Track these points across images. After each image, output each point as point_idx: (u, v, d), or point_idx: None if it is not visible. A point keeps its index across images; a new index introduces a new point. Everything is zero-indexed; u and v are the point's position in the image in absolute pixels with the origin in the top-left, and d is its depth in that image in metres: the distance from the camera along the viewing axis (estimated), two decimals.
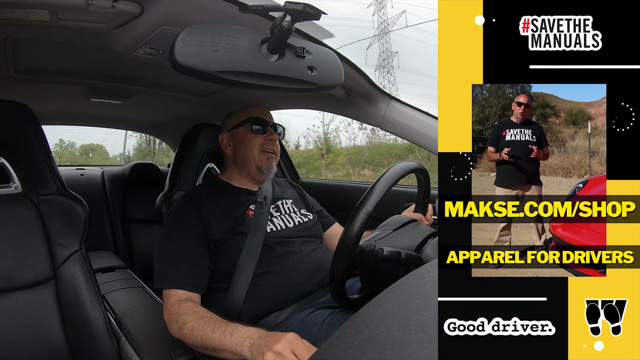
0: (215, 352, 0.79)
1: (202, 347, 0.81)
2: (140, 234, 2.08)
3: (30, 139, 0.91)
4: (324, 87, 0.74)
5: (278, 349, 0.67)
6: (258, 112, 1.12)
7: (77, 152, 10.50)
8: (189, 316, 0.84)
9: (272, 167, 1.10)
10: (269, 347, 0.69)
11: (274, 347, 0.68)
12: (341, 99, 1.23)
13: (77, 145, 10.39)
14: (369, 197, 0.71)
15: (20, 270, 0.85)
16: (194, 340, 0.81)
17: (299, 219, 1.10)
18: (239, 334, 0.76)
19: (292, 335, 0.70)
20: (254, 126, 1.09)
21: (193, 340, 0.81)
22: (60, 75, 1.32)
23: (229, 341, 0.75)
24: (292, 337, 0.69)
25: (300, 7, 0.62)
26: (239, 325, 0.78)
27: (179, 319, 0.84)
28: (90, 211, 0.94)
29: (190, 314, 0.84)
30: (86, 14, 0.77)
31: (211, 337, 0.78)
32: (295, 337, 0.69)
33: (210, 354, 0.81)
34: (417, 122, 1.13)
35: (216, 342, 0.77)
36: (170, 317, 0.87)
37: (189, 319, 0.83)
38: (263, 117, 1.11)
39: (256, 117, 1.10)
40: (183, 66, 0.60)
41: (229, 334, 0.76)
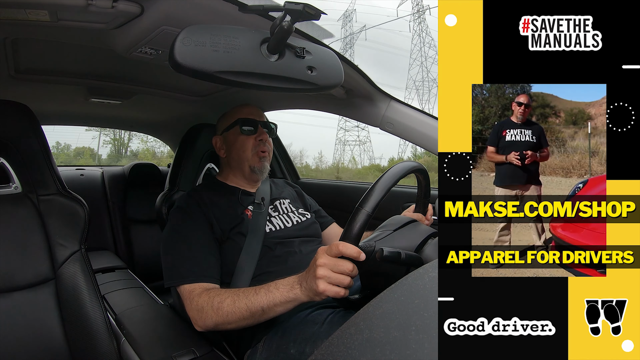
0: (264, 313, 0.79)
1: (249, 314, 0.80)
2: (140, 234, 2.08)
3: (30, 139, 0.91)
4: (324, 87, 0.74)
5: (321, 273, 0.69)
6: (247, 112, 1.11)
7: (71, 153, 12.42)
8: (223, 295, 0.83)
9: (265, 167, 1.10)
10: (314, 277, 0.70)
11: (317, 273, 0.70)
12: (341, 99, 1.23)
13: (72, 147, 12.37)
14: (369, 198, 0.71)
15: (20, 270, 0.85)
16: (239, 310, 0.80)
17: (297, 219, 1.10)
18: (283, 284, 0.77)
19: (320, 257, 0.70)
20: (243, 127, 1.09)
21: (237, 312, 0.80)
22: (60, 75, 1.32)
23: (278, 294, 0.77)
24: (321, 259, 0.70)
25: (300, 7, 0.62)
26: (275, 280, 0.79)
27: (213, 304, 0.83)
28: (90, 211, 0.94)
29: (223, 293, 0.84)
30: (86, 14, 0.77)
31: (256, 299, 0.78)
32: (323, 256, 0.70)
33: (257, 319, 0.81)
34: (417, 122, 1.13)
35: (264, 301, 0.78)
36: (201, 307, 0.85)
37: (225, 297, 0.83)
38: (252, 117, 1.10)
39: (245, 118, 1.10)
40: (183, 66, 0.60)
41: (274, 288, 0.78)
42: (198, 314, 0.85)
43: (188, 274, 0.91)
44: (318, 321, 0.85)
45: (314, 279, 0.71)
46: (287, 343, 0.85)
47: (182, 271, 0.91)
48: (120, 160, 10.96)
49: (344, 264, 0.69)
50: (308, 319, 0.87)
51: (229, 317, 0.81)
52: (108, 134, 12.88)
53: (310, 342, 0.81)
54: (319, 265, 0.70)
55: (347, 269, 0.69)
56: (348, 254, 0.69)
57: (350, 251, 0.69)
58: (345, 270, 0.69)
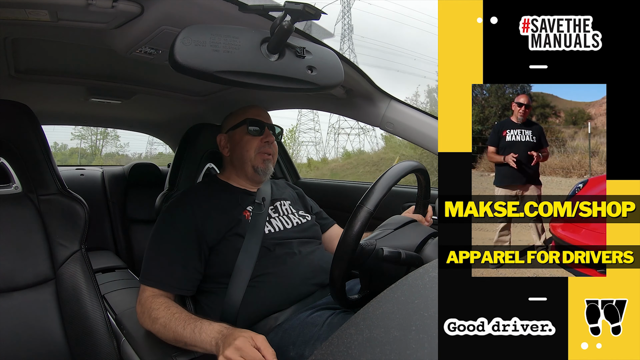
0: (186, 346, 0.84)
1: (174, 340, 0.85)
2: (140, 234, 2.08)
3: (30, 139, 0.91)
4: (324, 87, 0.74)
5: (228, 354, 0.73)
6: (255, 113, 1.11)
7: (67, 152, 14.09)
8: (161, 311, 0.88)
9: (269, 168, 1.10)
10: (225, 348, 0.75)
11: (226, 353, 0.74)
12: (341, 99, 1.23)
13: (68, 147, 13.91)
14: (370, 196, 0.72)
15: (20, 270, 0.85)
16: (167, 334, 0.86)
17: (297, 220, 1.10)
18: (207, 332, 0.81)
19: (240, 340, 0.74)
20: (250, 127, 1.08)
21: (165, 335, 0.86)
22: (60, 75, 1.32)
23: (199, 338, 0.81)
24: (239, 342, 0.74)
25: (300, 7, 0.62)
26: (205, 321, 0.84)
27: (151, 314, 0.89)
28: (90, 211, 0.94)
29: (162, 309, 0.88)
30: (86, 14, 0.77)
31: (182, 333, 0.84)
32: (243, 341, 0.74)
33: (181, 347, 0.86)
34: (417, 122, 1.13)
35: (188, 338, 0.83)
36: (142, 310, 0.91)
37: (161, 315, 0.88)
38: (260, 119, 1.10)
39: (253, 118, 1.10)
40: (183, 66, 0.60)
41: (198, 332, 0.82)
42: (140, 313, 0.92)
43: (149, 275, 0.95)
44: (318, 323, 0.85)
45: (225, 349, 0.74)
46: (286, 345, 0.85)
47: (146, 271, 0.96)
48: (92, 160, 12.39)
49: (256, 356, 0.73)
50: (308, 320, 0.87)
51: (159, 334, 0.88)
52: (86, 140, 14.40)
53: (309, 344, 0.81)
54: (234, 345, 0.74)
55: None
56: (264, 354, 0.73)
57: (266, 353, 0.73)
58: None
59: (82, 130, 14.07)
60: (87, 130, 14.20)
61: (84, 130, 14.04)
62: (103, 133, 14.54)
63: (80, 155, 14.49)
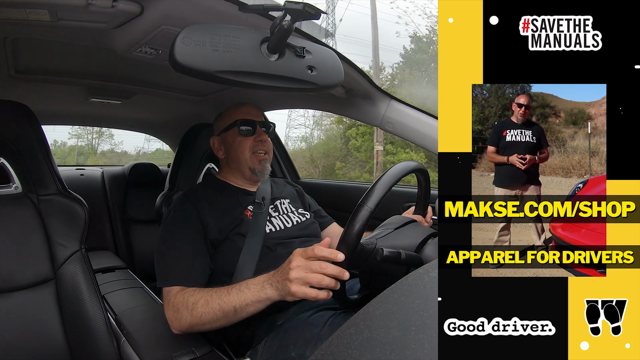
0: (237, 313, 0.79)
1: (222, 314, 0.80)
2: (140, 234, 2.08)
3: (30, 139, 0.91)
4: (324, 87, 0.74)
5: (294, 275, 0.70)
6: (245, 112, 1.10)
7: (66, 150, 15.01)
8: (197, 295, 0.84)
9: (266, 168, 1.09)
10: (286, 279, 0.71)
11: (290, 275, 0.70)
12: (341, 99, 1.23)
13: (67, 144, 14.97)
14: (371, 195, 0.72)
15: (20, 270, 0.85)
16: (212, 311, 0.80)
17: (297, 219, 1.10)
18: (253, 283, 0.77)
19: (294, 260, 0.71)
20: (241, 128, 1.07)
21: (210, 313, 0.81)
22: (60, 75, 1.32)
23: (249, 293, 0.77)
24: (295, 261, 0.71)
25: (300, 6, 0.62)
26: (244, 280, 0.80)
27: (187, 304, 0.84)
28: (90, 211, 0.94)
29: (197, 293, 0.84)
30: (86, 14, 0.77)
31: (229, 299, 0.79)
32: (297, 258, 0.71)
33: (231, 319, 0.81)
34: (417, 122, 1.13)
35: (236, 301, 0.78)
36: (176, 308, 0.86)
37: (199, 297, 0.83)
38: (250, 117, 1.09)
39: (243, 119, 1.08)
40: (183, 66, 0.60)
41: (245, 288, 0.78)
42: (174, 315, 0.86)
43: (169, 277, 0.91)
44: (318, 324, 0.85)
45: (286, 281, 0.71)
46: (287, 345, 0.85)
47: (166, 273, 0.92)
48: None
49: (319, 264, 0.69)
50: (309, 321, 0.87)
51: (203, 317, 0.82)
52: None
53: (310, 345, 0.81)
54: (292, 268, 0.71)
55: (321, 268, 0.69)
56: (322, 255, 0.69)
57: (325, 253, 0.69)
58: (319, 270, 0.69)
59: (79, 129, 14.66)
60: (84, 130, 14.82)
61: (80, 129, 14.58)
62: (99, 132, 15.13)
63: (78, 153, 15.07)
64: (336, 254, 0.69)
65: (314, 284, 0.70)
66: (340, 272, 0.70)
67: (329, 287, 0.70)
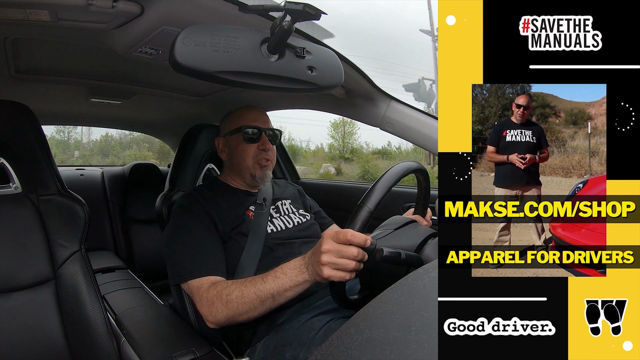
0: (274, 299, 0.79)
1: (259, 302, 0.80)
2: (140, 234, 2.08)
3: (30, 139, 0.91)
4: (324, 87, 0.74)
5: (326, 260, 0.71)
6: (252, 118, 1.09)
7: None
8: (231, 287, 0.83)
9: (267, 175, 1.09)
10: (319, 262, 0.72)
11: (322, 259, 0.71)
12: (341, 99, 1.23)
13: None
14: (371, 196, 0.72)
15: (20, 271, 0.85)
16: (249, 300, 0.80)
17: (298, 219, 1.10)
18: (290, 268, 0.78)
19: (325, 244, 0.71)
20: (246, 135, 1.07)
21: (247, 302, 0.80)
22: (60, 75, 1.32)
23: (286, 279, 0.78)
24: (326, 245, 0.71)
25: (300, 7, 0.62)
26: (280, 266, 0.80)
27: (222, 297, 0.83)
28: (90, 211, 0.94)
29: (231, 285, 0.84)
30: (86, 14, 0.77)
31: (265, 287, 0.79)
32: (328, 242, 0.71)
33: (268, 307, 0.80)
34: (417, 123, 1.13)
35: (273, 287, 0.78)
36: (210, 302, 0.84)
37: (233, 288, 0.82)
38: (257, 124, 1.08)
39: (248, 125, 1.07)
40: (183, 66, 0.60)
41: (281, 274, 0.78)
42: (209, 309, 0.84)
43: (195, 269, 0.90)
44: (316, 327, 0.85)
45: (318, 265, 0.72)
46: (284, 346, 0.85)
47: (190, 266, 0.91)
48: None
49: (349, 249, 0.70)
50: (307, 324, 0.87)
51: (240, 307, 0.81)
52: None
53: (304, 348, 0.81)
54: (323, 251, 0.71)
55: (351, 254, 0.70)
56: (356, 242, 0.70)
57: (358, 240, 0.70)
58: (350, 255, 0.70)
59: None
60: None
61: None
62: None
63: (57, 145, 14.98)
64: (367, 240, 0.70)
65: (342, 268, 0.71)
66: (364, 257, 0.72)
67: (355, 269, 0.72)
